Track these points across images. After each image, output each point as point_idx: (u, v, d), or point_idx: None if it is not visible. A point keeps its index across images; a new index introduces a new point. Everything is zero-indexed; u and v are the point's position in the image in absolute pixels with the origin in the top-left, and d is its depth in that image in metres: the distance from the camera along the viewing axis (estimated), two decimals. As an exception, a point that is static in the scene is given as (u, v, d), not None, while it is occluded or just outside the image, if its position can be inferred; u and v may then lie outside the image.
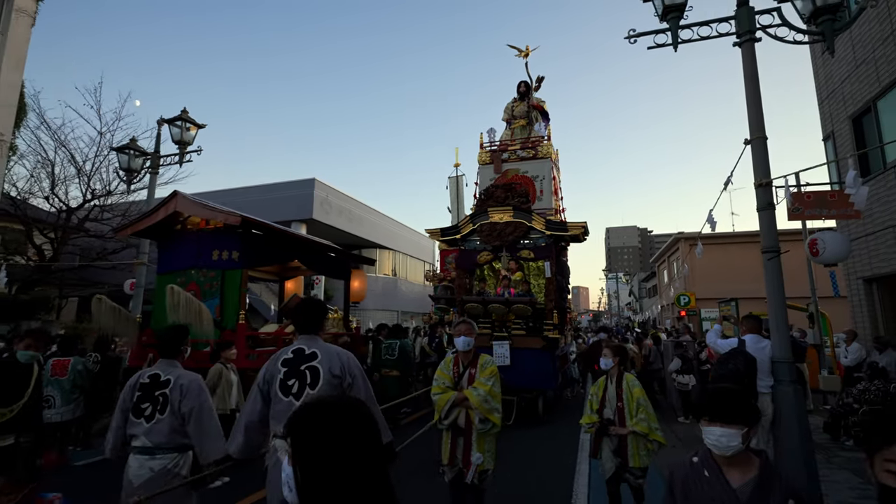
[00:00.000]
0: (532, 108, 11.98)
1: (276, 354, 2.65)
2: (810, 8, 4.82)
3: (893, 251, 7.52)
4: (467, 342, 3.48)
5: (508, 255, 9.26)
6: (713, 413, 1.69)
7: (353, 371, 2.58)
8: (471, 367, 3.49)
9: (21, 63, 10.25)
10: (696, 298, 22.17)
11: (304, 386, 2.47)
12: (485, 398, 3.29)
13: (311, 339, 2.65)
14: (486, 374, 3.41)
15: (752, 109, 4.96)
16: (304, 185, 21.51)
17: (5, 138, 10.00)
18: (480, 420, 3.31)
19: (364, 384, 2.63)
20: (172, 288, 5.47)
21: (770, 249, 4.60)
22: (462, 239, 9.71)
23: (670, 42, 5.40)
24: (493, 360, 3.58)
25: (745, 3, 5.14)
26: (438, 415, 3.40)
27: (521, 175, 11.10)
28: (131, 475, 2.61)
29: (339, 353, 2.62)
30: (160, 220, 6.55)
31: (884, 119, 7.73)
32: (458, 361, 3.56)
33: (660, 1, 5.40)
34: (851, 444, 6.84)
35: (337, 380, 2.51)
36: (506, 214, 9.25)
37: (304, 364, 2.52)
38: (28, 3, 10.38)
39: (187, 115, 9.39)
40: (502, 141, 11.90)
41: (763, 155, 4.81)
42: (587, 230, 9.14)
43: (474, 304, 8.63)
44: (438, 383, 3.51)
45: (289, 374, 2.50)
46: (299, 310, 2.75)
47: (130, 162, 9.52)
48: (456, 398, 3.35)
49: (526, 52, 12.37)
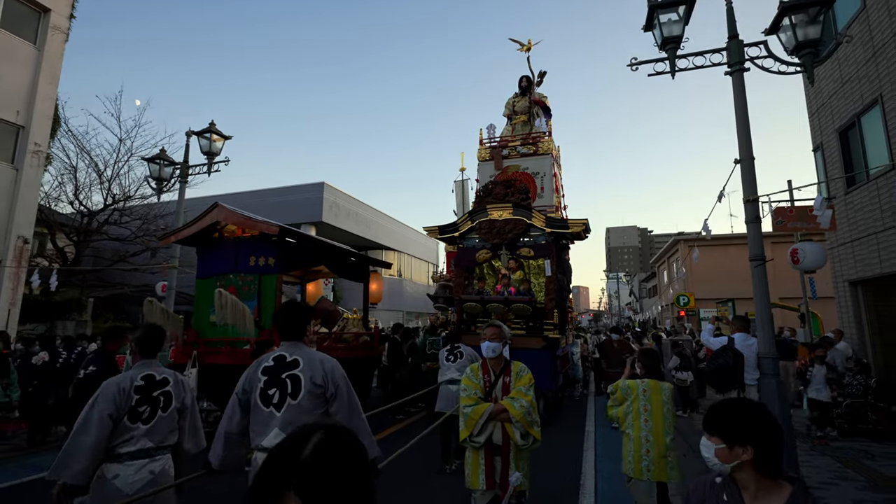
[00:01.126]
0: (533, 103, 11.72)
1: (256, 361, 2.51)
2: (793, 42, 5.42)
3: (875, 256, 8.12)
4: (493, 348, 3.13)
5: (508, 253, 9.13)
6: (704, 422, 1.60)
7: (336, 380, 2.44)
8: (504, 376, 3.12)
9: (56, 78, 10.86)
10: (695, 299, 22.78)
11: (286, 396, 2.33)
12: (527, 410, 2.92)
13: (294, 346, 2.50)
14: (523, 382, 3.06)
15: (742, 133, 5.56)
16: (313, 188, 22.12)
17: (42, 149, 10.61)
18: (522, 435, 2.91)
19: (348, 394, 2.48)
20: (221, 291, 6.07)
21: (756, 258, 5.20)
22: (461, 237, 9.52)
23: (668, 70, 6.01)
24: (526, 368, 3.19)
25: (736, 36, 5.74)
26: (469, 430, 2.96)
27: (521, 172, 10.81)
28: (121, 484, 2.41)
29: (322, 361, 2.47)
30: (201, 228, 7.15)
31: (867, 134, 8.33)
32: (488, 369, 3.17)
33: (659, 32, 6.01)
34: (835, 434, 7.45)
35: (319, 389, 2.38)
36: (505, 211, 9.06)
37: (285, 372, 2.38)
38: (62, 21, 10.99)
39: (214, 127, 10.01)
40: (503, 137, 11.59)
41: (751, 174, 5.41)
42: (588, 227, 8.99)
43: (473, 304, 8.50)
44: (468, 394, 3.07)
45: (269, 382, 2.37)
46: (281, 314, 2.61)
47: (161, 171, 10.16)
48: (493, 410, 2.95)
49: (528, 47, 12.08)
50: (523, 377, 3.09)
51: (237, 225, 7.05)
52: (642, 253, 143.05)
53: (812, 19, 5.36)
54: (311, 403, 2.34)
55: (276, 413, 2.32)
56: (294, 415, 2.30)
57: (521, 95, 11.89)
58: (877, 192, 7.99)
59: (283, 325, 2.57)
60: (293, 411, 2.31)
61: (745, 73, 5.64)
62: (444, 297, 10.40)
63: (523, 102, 11.78)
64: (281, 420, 2.30)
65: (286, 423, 2.28)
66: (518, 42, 12.30)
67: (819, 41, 5.30)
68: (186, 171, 10.14)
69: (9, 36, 10.07)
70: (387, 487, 4.92)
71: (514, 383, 3.07)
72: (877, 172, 8.03)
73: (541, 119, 11.65)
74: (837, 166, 9.25)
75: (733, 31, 5.75)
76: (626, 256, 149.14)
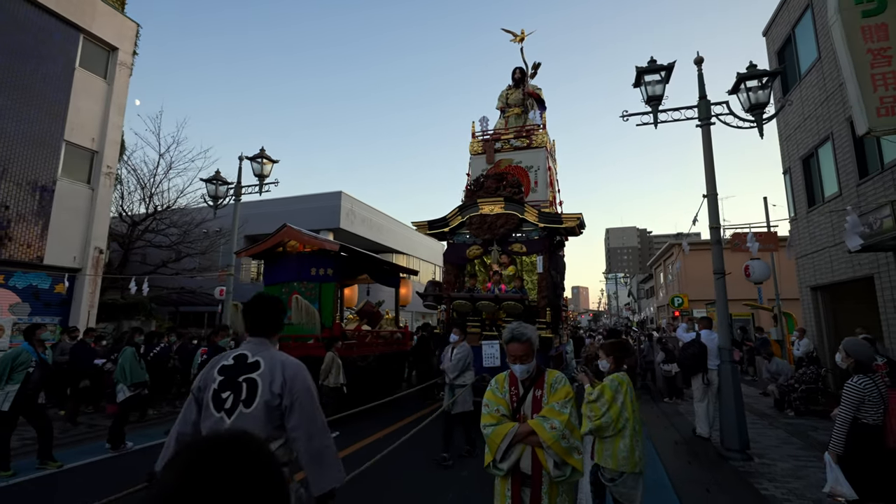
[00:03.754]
0: (527, 95, 11.33)
1: (215, 358, 2.20)
2: (748, 104, 6.98)
3: (828, 266, 9.70)
4: (526, 369, 2.58)
5: (499, 249, 8.87)
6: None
7: (295, 391, 2.05)
8: (535, 388, 2.59)
9: (122, 108, 12.42)
10: (688, 300, 24.34)
11: (238, 402, 2.01)
12: (561, 433, 2.36)
13: (260, 345, 2.17)
14: (558, 397, 2.50)
15: (708, 174, 7.12)
16: (331, 197, 23.69)
17: (112, 170, 12.17)
18: (556, 464, 2.36)
19: (310, 406, 2.08)
20: (298, 298, 7.63)
21: (718, 272, 6.75)
22: (451, 232, 9.20)
23: (652, 122, 7.57)
24: (564, 377, 2.62)
25: (704, 97, 7.30)
26: (492, 455, 2.45)
27: (514, 165, 10.40)
28: None
29: (284, 366, 2.09)
30: (270, 245, 8.72)
31: (822, 163, 9.90)
32: (516, 380, 2.64)
33: (644, 92, 7.56)
34: (792, 414, 9.00)
35: (277, 399, 2.02)
36: (497, 206, 8.75)
37: (243, 374, 2.06)
38: (127, 58, 12.55)
39: (264, 152, 11.57)
40: (496, 130, 11.08)
41: (714, 206, 6.97)
42: (583, 222, 8.72)
43: (462, 302, 8.22)
44: (490, 410, 2.56)
45: (224, 384, 2.05)
46: (249, 306, 2.25)
47: (217, 190, 11.72)
48: (518, 432, 2.42)
49: (521, 37, 11.69)
50: (559, 390, 2.52)
51: (302, 243, 8.62)
52: (641, 253, 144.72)
53: (762, 86, 6.93)
54: (265, 414, 1.97)
55: (227, 420, 1.98)
56: (245, 425, 1.93)
57: (515, 87, 11.51)
58: (829, 214, 9.56)
59: (250, 319, 2.21)
60: (244, 421, 1.96)
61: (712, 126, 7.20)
62: (433, 294, 10.24)
63: (517, 94, 11.39)
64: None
65: None
66: (511, 32, 11.86)
67: (766, 105, 6.87)
68: (240, 190, 11.70)
69: (86, 73, 11.63)
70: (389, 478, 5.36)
71: (548, 398, 2.51)
72: (829, 196, 9.61)
73: (535, 111, 11.29)
74: (801, 188, 10.82)
75: (703, 93, 7.32)
76: (625, 257, 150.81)
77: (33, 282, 10.43)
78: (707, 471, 5.75)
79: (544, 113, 11.39)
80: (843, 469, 3.44)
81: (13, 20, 10.21)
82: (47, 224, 10.59)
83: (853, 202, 8.72)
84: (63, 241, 10.89)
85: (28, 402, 5.71)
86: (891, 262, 7.67)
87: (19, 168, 10.13)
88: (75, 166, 11.36)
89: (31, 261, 10.27)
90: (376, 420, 7.85)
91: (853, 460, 3.44)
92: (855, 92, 6.42)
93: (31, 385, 5.72)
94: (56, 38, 11.00)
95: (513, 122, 11.18)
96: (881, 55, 6.37)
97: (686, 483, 5.35)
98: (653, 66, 7.47)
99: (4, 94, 9.94)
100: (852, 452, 3.45)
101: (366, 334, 9.25)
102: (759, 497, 4.86)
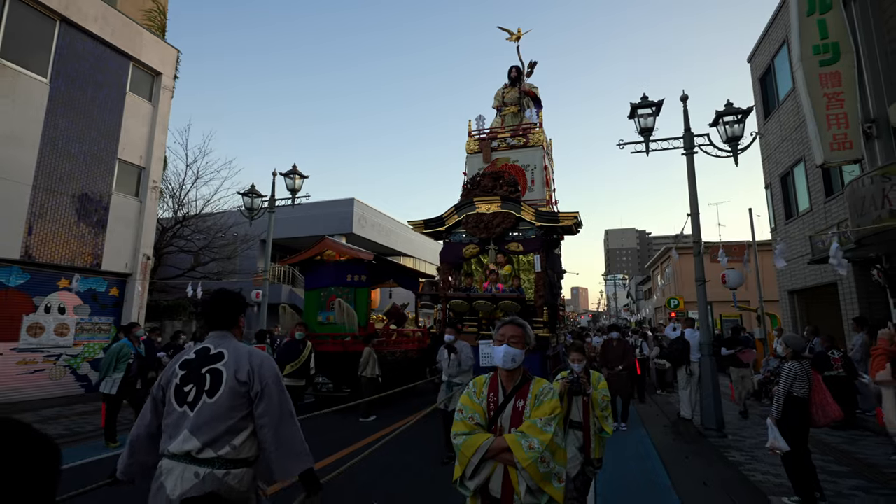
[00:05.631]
0: (524, 94, 11.33)
1: (177, 356, 2.18)
2: (725, 136, 8.22)
3: (802, 273, 10.96)
4: (514, 357, 2.19)
5: (496, 248, 8.84)
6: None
7: (264, 377, 2.05)
8: (517, 398, 2.17)
9: (165, 127, 13.65)
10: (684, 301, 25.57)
11: (202, 393, 1.98)
12: (540, 456, 1.96)
13: (221, 338, 2.16)
14: (543, 412, 2.08)
15: (691, 196, 8.36)
16: (344, 203, 24.94)
17: (157, 184, 13.39)
18: (529, 490, 1.98)
19: (279, 395, 2.07)
20: (340, 301, 8.86)
21: (699, 280, 7.98)
22: (447, 231, 9.20)
23: (644, 150, 8.81)
24: (553, 390, 2.18)
25: (688, 130, 8.54)
26: (461, 470, 2.08)
27: (511, 164, 10.35)
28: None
29: (251, 355, 2.11)
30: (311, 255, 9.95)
31: (797, 182, 11.15)
32: (497, 384, 2.24)
33: (637, 124, 8.80)
34: (768, 403, 10.23)
35: (244, 387, 2.01)
36: (493, 205, 8.74)
37: (206, 366, 2.04)
38: (169, 81, 13.79)
39: (296, 168, 12.81)
40: (492, 128, 11.09)
41: (697, 225, 8.21)
42: (580, 221, 8.71)
43: (459, 301, 8.21)
44: (463, 417, 2.17)
45: (187, 378, 2.02)
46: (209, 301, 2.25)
47: (252, 202, 12.96)
48: (492, 447, 2.03)
49: (517, 35, 11.63)
50: (545, 404, 2.11)
51: (339, 253, 9.84)
52: (640, 255, 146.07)
53: (737, 121, 8.17)
54: (230, 402, 1.98)
55: (190, 413, 1.97)
56: (208, 416, 1.95)
57: (511, 86, 11.53)
58: (802, 226, 10.81)
59: (210, 314, 2.22)
60: (208, 411, 1.95)
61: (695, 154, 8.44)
62: (430, 294, 10.11)
63: (513, 93, 11.41)
64: (193, 422, 1.94)
65: (197, 426, 1.92)
66: (507, 31, 11.78)
67: (740, 137, 8.11)
68: (273, 202, 12.94)
69: (135, 97, 12.86)
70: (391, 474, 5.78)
71: (531, 411, 2.11)
72: (803, 211, 10.85)
73: (531, 110, 11.32)
74: (780, 203, 12.08)
75: (687, 126, 8.57)
76: (624, 258, 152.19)
77: (92, 286, 11.65)
78: (688, 444, 6.99)
79: (541, 111, 11.40)
80: (779, 429, 4.66)
81: (74, 52, 11.43)
82: (104, 234, 11.82)
83: (822, 217, 9.97)
84: (117, 249, 12.10)
85: (129, 388, 6.94)
86: (849, 271, 8.92)
87: (82, 184, 11.35)
88: (126, 181, 12.58)
89: (91, 267, 11.49)
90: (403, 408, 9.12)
91: (786, 422, 4.66)
92: (813, 129, 7.68)
93: (132, 373, 6.96)
94: (111, 66, 12.23)
95: (509, 121, 11.22)
96: (835, 98, 7.62)
97: (671, 454, 6.57)
98: (645, 102, 8.72)
99: (69, 118, 11.15)
100: (785, 417, 4.68)
101: (392, 332, 10.48)
102: (727, 461, 6.10)
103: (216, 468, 1.84)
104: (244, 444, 1.94)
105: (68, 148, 11.10)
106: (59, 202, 10.85)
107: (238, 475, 1.88)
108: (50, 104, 10.74)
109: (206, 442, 1.86)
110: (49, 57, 10.86)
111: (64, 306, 10.96)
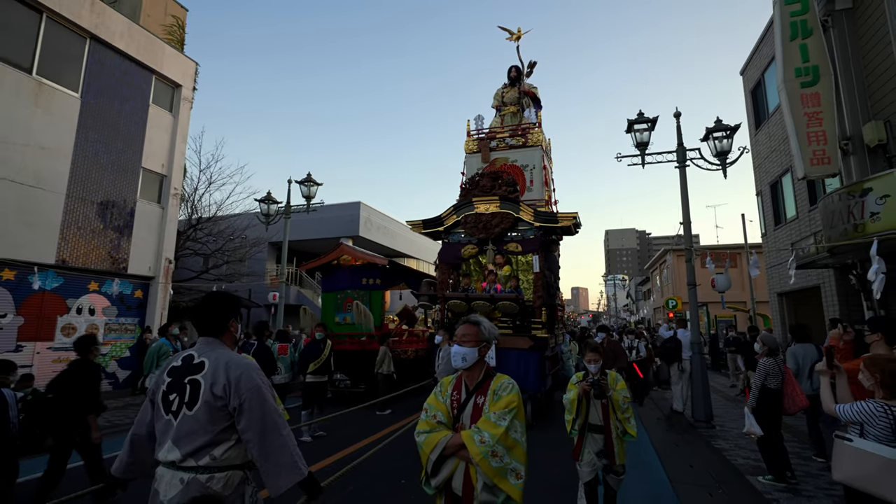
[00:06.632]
0: (523, 93, 11.29)
1: (167, 361, 2.12)
2: (715, 151, 8.89)
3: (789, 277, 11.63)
4: (464, 356, 2.24)
5: (494, 249, 8.85)
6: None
7: (241, 392, 1.92)
8: (477, 394, 2.19)
9: (185, 137, 14.33)
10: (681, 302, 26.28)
11: (182, 404, 1.92)
12: (491, 450, 1.96)
13: (208, 345, 2.07)
14: (499, 406, 2.10)
15: (684, 206, 9.03)
16: (351, 207, 25.62)
17: (178, 191, 14.06)
18: (486, 487, 1.99)
19: (262, 408, 1.93)
20: (358, 304, 9.53)
21: (690, 284, 8.65)
22: (446, 231, 9.18)
23: (641, 163, 9.47)
24: (513, 385, 2.21)
25: (681, 144, 9.21)
26: (424, 469, 2.11)
27: (510, 164, 10.33)
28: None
29: (228, 366, 1.96)
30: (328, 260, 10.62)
31: (784, 191, 11.83)
32: (461, 384, 2.28)
33: (634, 138, 9.47)
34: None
35: (220, 401, 1.90)
36: (492, 205, 8.72)
37: (188, 376, 1.96)
38: (188, 93, 14.46)
39: (311, 177, 13.49)
40: (491, 128, 11.05)
41: (688, 232, 8.87)
42: (579, 221, 8.68)
43: (457, 301, 8.15)
44: (427, 416, 2.21)
45: (172, 385, 1.98)
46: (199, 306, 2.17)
47: (269, 208, 13.64)
48: (449, 443, 2.05)
49: (517, 35, 11.58)
50: (502, 399, 2.13)
51: (355, 258, 10.51)
52: (640, 255, 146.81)
53: (726, 136, 8.83)
54: (207, 415, 1.89)
55: (174, 421, 1.92)
56: (188, 427, 1.89)
57: (511, 86, 11.52)
58: (789, 232, 11.48)
59: (199, 319, 2.14)
60: (188, 423, 1.89)
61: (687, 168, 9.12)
62: (428, 294, 9.95)
63: (512, 93, 11.39)
64: (175, 432, 1.90)
65: (179, 437, 1.88)
66: (507, 30, 11.73)
67: (728, 152, 8.78)
68: (289, 209, 13.61)
69: (157, 109, 13.53)
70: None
71: (489, 406, 2.13)
72: (790, 218, 11.53)
73: (530, 110, 11.29)
74: (770, 209, 12.75)
75: (680, 141, 9.24)
76: (624, 258, 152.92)
77: (120, 288, 12.32)
78: (678, 434, 7.66)
79: (540, 111, 11.35)
80: (755, 417, 5.33)
81: (102, 67, 12.10)
82: (130, 239, 12.49)
83: (807, 224, 10.65)
84: (141, 253, 12.77)
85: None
86: (830, 276, 9.60)
87: (110, 192, 12.02)
88: (149, 189, 13.25)
89: (118, 271, 12.16)
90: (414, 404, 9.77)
91: (761, 411, 5.33)
92: (795, 145, 8.35)
93: (172, 370, 7.58)
94: (135, 79, 12.90)
95: (508, 121, 11.20)
96: (815, 117, 8.29)
97: (662, 443, 7.24)
98: (641, 119, 9.39)
99: (98, 129, 11.82)
100: (760, 406, 5.35)
101: (404, 332, 11.15)
102: (713, 449, 6.77)
103: (199, 473, 1.86)
104: (227, 454, 1.91)
105: (97, 158, 11.77)
106: (89, 210, 11.52)
107: (222, 478, 1.88)
108: (81, 117, 11.41)
109: (186, 453, 1.86)
110: (80, 73, 11.53)
111: (94, 308, 11.63)
